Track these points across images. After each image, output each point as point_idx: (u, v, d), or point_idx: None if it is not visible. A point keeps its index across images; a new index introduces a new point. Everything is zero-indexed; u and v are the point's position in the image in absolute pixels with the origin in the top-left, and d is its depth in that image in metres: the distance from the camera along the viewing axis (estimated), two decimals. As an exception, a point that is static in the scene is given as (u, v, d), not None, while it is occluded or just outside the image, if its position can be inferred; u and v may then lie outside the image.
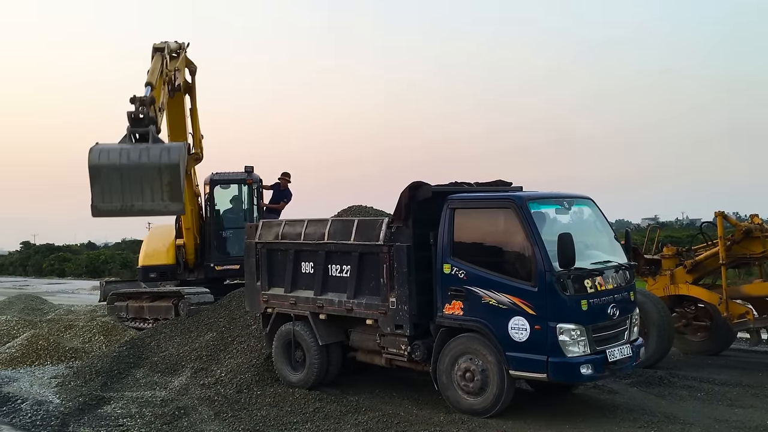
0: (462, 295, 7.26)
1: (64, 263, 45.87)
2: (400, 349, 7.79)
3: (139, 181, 7.29)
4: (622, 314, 7.30)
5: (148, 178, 7.32)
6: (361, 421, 7.21)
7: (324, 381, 8.60)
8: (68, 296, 25.86)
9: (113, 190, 7.27)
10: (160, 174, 7.32)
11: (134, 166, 7.20)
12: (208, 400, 8.22)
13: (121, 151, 7.29)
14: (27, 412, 8.03)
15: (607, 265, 7.35)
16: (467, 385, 7.23)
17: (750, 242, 9.53)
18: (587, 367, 6.75)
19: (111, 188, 7.26)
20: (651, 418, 7.05)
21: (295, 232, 8.81)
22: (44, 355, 11.18)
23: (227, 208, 13.92)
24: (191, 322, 11.08)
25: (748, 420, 7.08)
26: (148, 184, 7.32)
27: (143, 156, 7.31)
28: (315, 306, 8.47)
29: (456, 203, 7.53)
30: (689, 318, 10.64)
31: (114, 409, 8.07)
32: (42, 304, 19.11)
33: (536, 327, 6.76)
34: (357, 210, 11.09)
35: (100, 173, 7.21)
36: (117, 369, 9.70)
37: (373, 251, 7.85)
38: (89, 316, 15.50)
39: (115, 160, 7.25)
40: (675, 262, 10.39)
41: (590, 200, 7.99)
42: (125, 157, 7.30)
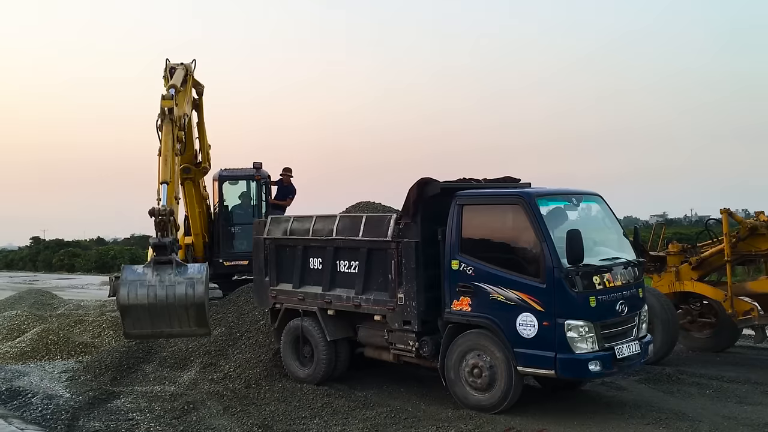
0: (470, 292, 7.26)
1: (74, 258, 46.12)
2: (408, 345, 7.81)
3: (167, 315, 7.82)
4: (631, 311, 7.28)
5: (176, 313, 7.86)
6: (369, 416, 7.23)
7: (332, 376, 8.63)
8: (78, 291, 25.96)
9: (143, 321, 7.81)
10: (186, 309, 7.84)
11: (162, 305, 7.76)
12: (216, 394, 8.26)
13: (148, 289, 7.81)
14: (37, 406, 8.08)
15: (616, 262, 7.33)
16: (475, 381, 7.24)
17: (755, 239, 9.51)
18: (595, 364, 6.74)
19: (141, 320, 7.80)
20: (659, 414, 7.04)
21: (303, 228, 8.83)
22: (54, 350, 11.24)
23: (236, 204, 13.94)
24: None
25: (758, 417, 7.06)
26: (176, 317, 7.85)
27: (170, 295, 7.81)
28: (323, 302, 8.50)
29: (464, 200, 7.53)
30: (694, 315, 10.63)
31: (124, 404, 8.12)
32: (52, 299, 19.17)
33: (544, 323, 6.76)
34: (365, 206, 11.08)
35: (130, 310, 7.76)
36: (126, 364, 9.76)
37: (381, 247, 7.86)
38: (99, 311, 15.53)
39: (143, 300, 7.79)
40: (680, 258, 10.38)
41: (599, 197, 7.97)
42: (152, 296, 7.80)
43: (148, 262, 8.11)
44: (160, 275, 7.92)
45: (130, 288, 7.80)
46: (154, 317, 7.82)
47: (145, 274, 7.93)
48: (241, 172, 13.78)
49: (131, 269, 8.05)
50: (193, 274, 8.01)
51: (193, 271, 8.05)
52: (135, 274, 7.93)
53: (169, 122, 9.41)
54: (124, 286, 7.84)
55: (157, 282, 7.87)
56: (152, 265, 7.96)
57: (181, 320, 7.88)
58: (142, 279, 7.89)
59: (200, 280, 7.97)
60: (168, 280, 7.89)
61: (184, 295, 7.86)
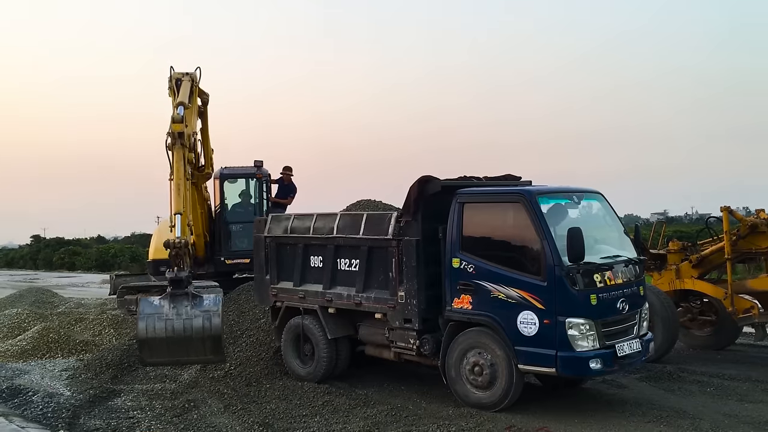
0: (471, 290, 7.26)
1: (74, 257, 46.15)
2: (409, 343, 7.81)
3: (185, 346, 8.08)
4: (632, 309, 7.28)
5: (192, 344, 8.12)
6: (369, 414, 7.23)
7: (333, 375, 8.63)
8: (78, 289, 26.00)
9: (160, 351, 8.08)
10: (203, 341, 8.11)
11: (179, 337, 8.07)
12: (217, 393, 8.27)
13: (166, 323, 8.14)
14: (38, 405, 8.08)
15: (617, 260, 7.33)
16: (476, 379, 7.24)
17: (756, 237, 9.50)
18: (596, 362, 6.74)
19: (158, 351, 8.07)
20: (660, 412, 7.03)
21: (304, 226, 8.83)
22: (55, 348, 11.25)
23: (237, 203, 13.93)
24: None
25: (759, 415, 7.06)
26: (193, 348, 8.11)
27: (187, 328, 8.13)
28: (324, 300, 8.50)
29: (465, 197, 7.53)
30: (695, 313, 10.63)
31: (124, 402, 8.13)
32: (52, 297, 19.19)
33: (545, 321, 6.75)
34: (366, 204, 11.08)
35: (148, 342, 8.09)
36: (127, 362, 9.76)
37: (382, 245, 7.86)
38: (99, 309, 15.55)
39: (161, 333, 8.10)
40: (680, 256, 10.38)
41: (600, 195, 7.97)
42: (170, 329, 8.13)
43: (164, 295, 8.38)
44: (177, 308, 8.20)
45: (148, 321, 8.09)
46: (171, 348, 8.06)
47: (161, 306, 8.20)
48: (242, 171, 13.77)
49: (148, 302, 8.32)
50: (209, 306, 8.29)
51: (209, 303, 8.32)
52: (152, 307, 8.20)
53: (180, 148, 9.45)
54: (142, 319, 8.13)
55: (174, 315, 8.16)
56: (168, 297, 8.22)
57: (197, 350, 8.14)
58: (159, 312, 8.16)
59: (216, 313, 8.26)
60: (185, 313, 8.18)
61: (201, 328, 8.12)
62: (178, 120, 9.44)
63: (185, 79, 10.67)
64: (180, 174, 9.28)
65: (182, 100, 9.96)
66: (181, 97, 10.06)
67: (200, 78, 10.98)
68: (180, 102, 9.83)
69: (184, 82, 10.59)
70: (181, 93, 10.27)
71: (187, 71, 10.90)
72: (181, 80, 10.67)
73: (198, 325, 8.18)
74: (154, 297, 8.55)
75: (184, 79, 10.68)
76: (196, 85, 10.83)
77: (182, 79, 10.68)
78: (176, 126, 9.43)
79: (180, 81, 10.65)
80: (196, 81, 10.88)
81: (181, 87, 10.51)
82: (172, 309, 8.24)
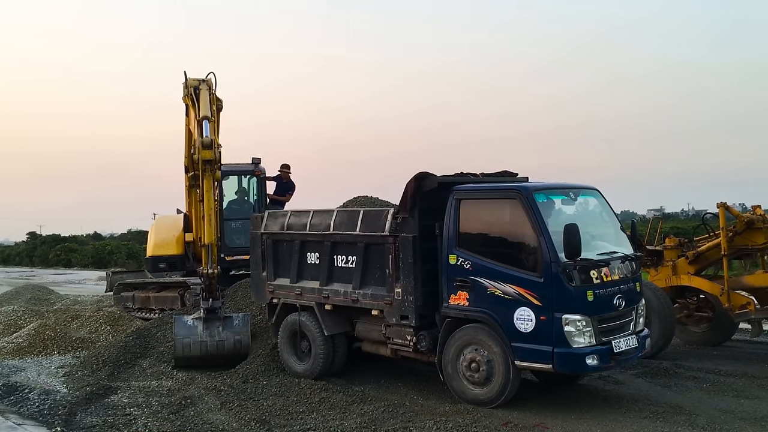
0: (467, 286, 7.26)
1: (71, 254, 46.12)
2: (406, 340, 7.81)
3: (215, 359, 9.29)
4: (628, 305, 7.29)
5: (223, 357, 9.30)
6: (366, 411, 7.23)
7: (329, 371, 8.63)
8: (75, 287, 25.98)
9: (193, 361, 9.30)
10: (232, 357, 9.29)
11: (212, 355, 9.29)
12: (214, 389, 8.26)
13: (201, 345, 9.26)
14: (34, 402, 8.08)
15: (613, 256, 7.33)
16: (473, 375, 7.24)
17: (752, 233, 9.51)
18: (593, 358, 6.74)
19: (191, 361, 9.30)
20: (656, 408, 7.05)
21: (300, 223, 8.82)
22: (51, 345, 11.23)
23: (235, 200, 13.92)
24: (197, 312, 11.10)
25: (755, 411, 7.08)
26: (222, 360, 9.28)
27: (220, 348, 9.29)
28: (321, 296, 8.49)
29: (462, 194, 7.52)
30: (691, 309, 10.65)
31: (121, 399, 8.11)
32: (49, 294, 19.20)
33: (542, 318, 6.76)
34: (362, 201, 11.08)
35: (182, 360, 9.30)
36: (124, 359, 9.74)
37: (378, 242, 7.85)
38: (96, 306, 15.55)
39: (195, 353, 9.27)
40: (677, 253, 10.38)
41: (596, 191, 7.97)
42: (204, 350, 9.27)
43: (197, 316, 9.44)
44: (209, 329, 9.30)
45: (185, 344, 9.22)
46: (203, 361, 9.24)
47: (195, 327, 9.30)
48: (240, 168, 13.74)
49: (182, 322, 9.36)
50: (239, 328, 9.40)
51: (239, 324, 9.42)
52: (186, 328, 9.30)
53: (210, 175, 9.53)
54: (178, 341, 9.21)
55: (207, 337, 9.27)
56: (202, 320, 9.30)
57: (225, 361, 9.25)
58: (194, 335, 9.26)
59: (246, 334, 9.38)
60: (217, 334, 9.32)
61: (232, 348, 9.28)
62: (208, 145, 9.35)
63: (203, 88, 10.49)
64: (211, 205, 9.59)
65: (206, 114, 9.82)
66: (204, 111, 9.92)
67: (216, 85, 10.81)
68: (204, 117, 9.72)
69: (202, 92, 10.41)
70: (202, 106, 10.10)
71: (203, 78, 10.70)
72: (198, 89, 10.48)
73: (230, 346, 9.27)
74: (187, 317, 9.52)
75: (201, 87, 10.49)
76: (213, 93, 10.69)
77: (200, 88, 10.48)
78: (206, 153, 9.38)
79: (198, 90, 10.46)
80: (213, 89, 10.72)
81: (201, 97, 10.32)
82: (205, 330, 9.28)
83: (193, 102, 10.48)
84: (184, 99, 10.90)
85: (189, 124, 11.22)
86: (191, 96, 10.56)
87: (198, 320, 9.31)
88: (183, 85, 10.81)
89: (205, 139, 9.38)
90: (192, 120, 10.58)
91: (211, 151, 9.35)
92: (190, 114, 10.97)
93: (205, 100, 10.26)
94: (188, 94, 10.65)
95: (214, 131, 10.01)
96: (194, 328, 9.25)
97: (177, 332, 9.22)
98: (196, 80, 10.68)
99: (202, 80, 10.70)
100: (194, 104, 10.43)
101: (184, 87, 10.76)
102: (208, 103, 10.24)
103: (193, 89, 10.57)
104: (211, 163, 9.47)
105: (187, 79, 10.71)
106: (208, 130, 9.57)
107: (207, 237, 9.60)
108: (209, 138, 9.41)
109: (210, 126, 9.68)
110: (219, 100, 11.20)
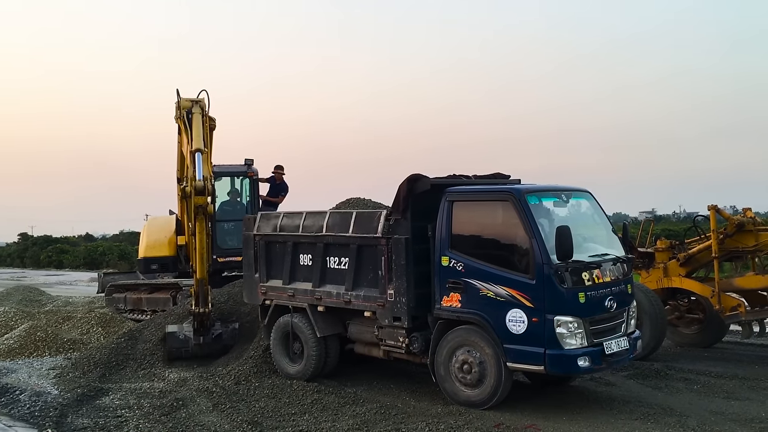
0: (460, 288, 7.27)
1: (62, 255, 45.88)
2: (398, 341, 7.81)
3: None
4: (620, 307, 7.31)
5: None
6: (358, 412, 7.23)
7: (322, 373, 8.62)
8: (66, 288, 25.87)
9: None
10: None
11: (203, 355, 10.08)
12: (206, 391, 8.23)
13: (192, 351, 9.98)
14: (25, 403, 8.03)
15: (605, 258, 7.36)
16: (465, 377, 7.25)
17: (742, 236, 9.58)
18: (584, 360, 6.77)
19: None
20: (648, 410, 7.07)
21: (293, 224, 8.81)
22: (42, 347, 11.19)
23: (228, 201, 13.88)
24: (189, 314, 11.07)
25: (745, 412, 7.11)
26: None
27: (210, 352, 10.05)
28: (313, 298, 8.49)
29: (454, 196, 7.54)
30: (682, 311, 10.71)
31: (112, 401, 8.08)
32: (40, 295, 19.12)
33: (534, 319, 6.77)
34: (355, 202, 11.08)
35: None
36: (115, 360, 9.71)
37: (371, 243, 7.86)
38: (87, 307, 15.49)
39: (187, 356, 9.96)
40: (668, 255, 10.44)
41: (588, 193, 8.00)
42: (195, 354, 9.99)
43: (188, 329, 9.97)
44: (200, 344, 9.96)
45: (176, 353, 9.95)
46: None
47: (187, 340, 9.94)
48: (233, 169, 13.70)
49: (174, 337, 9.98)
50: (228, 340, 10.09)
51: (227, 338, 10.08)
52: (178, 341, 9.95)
53: (203, 218, 9.57)
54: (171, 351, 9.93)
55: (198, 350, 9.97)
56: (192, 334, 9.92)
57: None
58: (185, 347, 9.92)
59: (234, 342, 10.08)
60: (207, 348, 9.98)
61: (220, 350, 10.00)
62: (201, 191, 9.28)
63: (196, 111, 10.31)
64: (203, 244, 9.70)
65: (198, 146, 9.64)
66: (197, 143, 9.74)
67: (209, 104, 10.65)
68: (197, 149, 9.55)
69: (195, 116, 10.24)
70: (194, 135, 9.94)
71: (196, 99, 10.50)
72: (192, 112, 10.31)
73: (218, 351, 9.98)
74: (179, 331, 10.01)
75: (194, 111, 10.31)
76: (206, 114, 10.54)
77: (193, 111, 10.30)
78: (199, 199, 9.34)
79: (191, 114, 10.29)
80: (206, 109, 10.57)
81: (194, 123, 10.15)
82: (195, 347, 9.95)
83: (186, 125, 10.30)
84: (176, 120, 10.71)
85: (182, 146, 11.04)
86: (183, 119, 10.40)
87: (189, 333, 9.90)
88: (175, 105, 10.59)
89: (198, 184, 9.26)
90: (185, 143, 10.42)
91: (204, 198, 9.33)
92: (182, 136, 10.76)
93: (197, 129, 10.06)
94: (180, 116, 10.49)
95: (207, 161, 9.89)
96: (186, 341, 9.91)
97: (170, 345, 9.93)
98: (189, 101, 10.47)
99: (195, 101, 10.48)
100: (186, 128, 10.26)
101: (177, 108, 10.56)
102: (201, 132, 10.02)
103: (186, 112, 10.39)
104: (203, 208, 9.46)
105: (180, 99, 10.49)
106: (201, 164, 9.41)
107: (199, 273, 9.74)
108: (202, 184, 9.28)
109: (203, 157, 9.55)
110: (212, 119, 10.96)
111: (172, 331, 9.95)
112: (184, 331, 9.91)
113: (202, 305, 9.68)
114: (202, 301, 9.69)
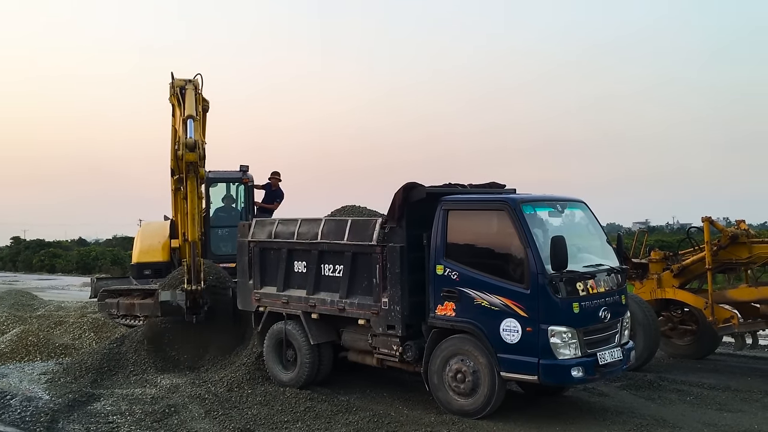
0: (454, 297, 7.28)
1: (55, 259, 45.62)
2: (392, 350, 7.80)
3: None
4: (614, 317, 7.33)
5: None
6: (351, 420, 7.21)
7: (315, 380, 8.60)
8: (58, 292, 25.74)
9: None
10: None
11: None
12: (198, 398, 8.21)
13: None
14: (16, 408, 7.98)
15: (599, 269, 7.38)
16: (458, 386, 7.25)
17: (736, 248, 9.61)
18: (578, 370, 6.77)
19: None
20: (640, 421, 7.08)
21: (288, 231, 8.80)
22: (34, 351, 11.12)
23: (222, 207, 13.88)
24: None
25: (737, 424, 7.13)
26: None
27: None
28: (307, 305, 8.47)
29: (450, 205, 7.55)
30: (675, 322, 10.73)
31: (104, 406, 8.04)
32: (32, 299, 18.98)
33: (528, 329, 6.78)
34: (350, 210, 11.02)
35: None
36: (107, 366, 9.66)
37: (366, 251, 7.86)
38: (79, 312, 15.40)
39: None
40: (662, 266, 10.47)
41: (583, 203, 8.03)
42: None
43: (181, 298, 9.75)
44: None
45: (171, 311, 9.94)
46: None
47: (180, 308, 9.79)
48: (228, 175, 13.70)
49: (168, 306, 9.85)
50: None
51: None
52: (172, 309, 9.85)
53: (194, 177, 9.46)
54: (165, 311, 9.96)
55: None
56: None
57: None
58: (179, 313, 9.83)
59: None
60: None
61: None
62: (192, 147, 9.28)
63: (189, 88, 10.51)
64: (194, 204, 9.54)
65: (190, 113, 9.79)
66: (189, 110, 9.89)
67: (202, 85, 10.85)
68: (189, 116, 9.68)
69: (188, 91, 10.43)
70: (187, 105, 10.11)
71: (189, 78, 10.74)
72: (185, 89, 10.50)
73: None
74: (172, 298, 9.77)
75: (188, 87, 10.51)
76: (199, 93, 10.70)
77: (186, 88, 10.51)
78: (190, 156, 9.32)
79: (184, 90, 10.49)
80: (199, 89, 10.75)
81: (186, 97, 10.33)
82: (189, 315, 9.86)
83: (179, 101, 10.52)
84: (171, 99, 10.95)
85: (174, 124, 11.25)
86: (177, 96, 10.57)
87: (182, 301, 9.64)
88: (170, 85, 10.86)
89: (188, 141, 9.31)
90: (177, 119, 10.65)
91: (195, 154, 9.30)
92: (176, 114, 11.01)
93: (190, 100, 10.26)
94: (174, 93, 10.70)
95: (199, 130, 9.99)
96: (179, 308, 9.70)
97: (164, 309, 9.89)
98: (183, 80, 10.71)
99: (189, 80, 10.73)
100: (180, 104, 10.46)
101: (171, 87, 10.81)
102: (194, 103, 10.23)
103: (179, 89, 10.60)
104: (194, 165, 9.44)
105: (174, 80, 10.72)
106: (193, 129, 9.51)
107: (190, 234, 9.55)
108: (193, 139, 9.34)
109: (195, 125, 9.64)
110: (205, 100, 11.28)
111: (165, 299, 9.76)
112: (177, 299, 9.68)
113: (195, 282, 9.49)
114: (195, 277, 9.50)
